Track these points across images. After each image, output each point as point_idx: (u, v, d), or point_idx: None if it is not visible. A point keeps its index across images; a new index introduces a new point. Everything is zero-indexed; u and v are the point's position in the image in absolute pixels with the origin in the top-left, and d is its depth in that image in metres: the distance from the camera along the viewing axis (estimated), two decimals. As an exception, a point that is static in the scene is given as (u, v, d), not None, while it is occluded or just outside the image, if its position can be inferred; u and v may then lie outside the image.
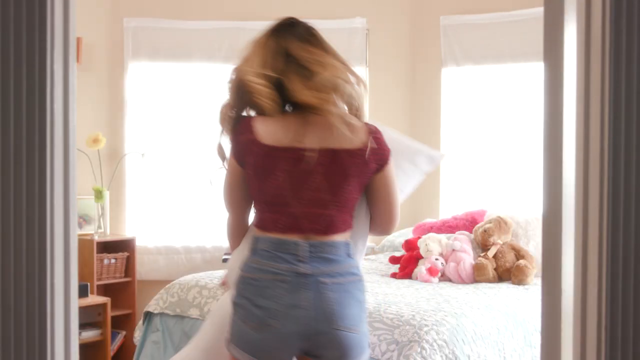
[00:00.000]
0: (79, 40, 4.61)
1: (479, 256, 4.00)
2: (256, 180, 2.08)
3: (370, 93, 5.29)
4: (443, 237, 4.16)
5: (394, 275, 4.01)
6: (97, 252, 4.71)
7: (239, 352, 2.02)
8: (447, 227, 4.51)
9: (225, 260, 4.85)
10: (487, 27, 5.01)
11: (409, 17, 5.37)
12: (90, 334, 4.55)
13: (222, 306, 2.25)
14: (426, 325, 2.83)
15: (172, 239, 5.09)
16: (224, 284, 2.37)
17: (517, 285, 3.82)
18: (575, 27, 1.28)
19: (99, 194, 4.74)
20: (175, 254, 5.07)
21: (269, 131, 2.06)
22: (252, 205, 2.16)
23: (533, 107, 4.78)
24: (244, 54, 2.20)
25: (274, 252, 2.02)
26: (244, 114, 2.16)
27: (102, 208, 4.79)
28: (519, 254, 4.02)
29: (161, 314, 3.69)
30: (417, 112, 5.38)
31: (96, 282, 4.68)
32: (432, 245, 4.05)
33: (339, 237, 2.07)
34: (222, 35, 5.10)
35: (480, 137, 5.10)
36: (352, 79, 2.12)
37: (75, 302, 1.31)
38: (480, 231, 4.12)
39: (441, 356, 2.75)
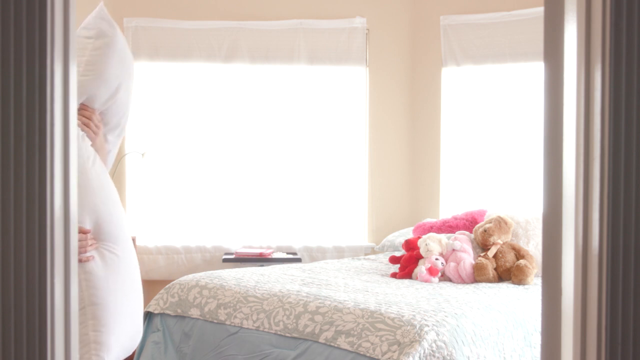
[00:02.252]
0: (79, 40, 4.60)
1: (479, 256, 4.00)
2: None
3: (370, 93, 5.29)
4: (443, 237, 4.16)
5: (394, 275, 4.01)
6: (97, 252, 4.71)
7: None
8: (447, 227, 4.51)
9: (226, 260, 4.85)
10: (487, 27, 5.01)
11: (409, 17, 5.37)
12: (90, 334, 4.54)
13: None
14: (427, 326, 2.83)
15: (172, 239, 5.10)
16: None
17: (517, 285, 3.82)
18: (575, 27, 1.28)
19: (99, 194, 4.74)
20: (175, 254, 5.07)
21: None
22: None
23: (533, 107, 4.78)
24: None
25: None
26: None
27: (102, 208, 4.78)
28: (519, 254, 4.02)
29: (162, 314, 3.69)
30: (417, 112, 5.39)
31: (96, 282, 4.68)
32: (432, 245, 4.05)
33: None
34: (222, 35, 5.10)
35: (480, 137, 5.10)
36: None
37: (75, 302, 1.31)
38: (480, 231, 4.12)
39: (440, 357, 2.75)
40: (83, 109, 2.21)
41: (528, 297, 3.53)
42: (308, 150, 5.26)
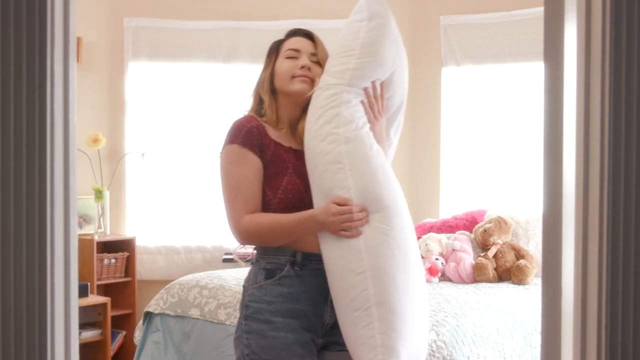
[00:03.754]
0: (79, 40, 4.60)
1: (479, 256, 4.00)
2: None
3: (370, 93, 5.28)
4: (443, 237, 4.16)
5: (394, 275, 4.00)
6: (97, 252, 4.71)
7: None
8: (447, 227, 4.51)
9: (226, 260, 4.85)
10: (487, 27, 5.01)
11: (409, 17, 5.37)
12: (90, 334, 4.55)
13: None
14: (426, 325, 2.83)
15: (172, 238, 5.09)
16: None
17: (517, 285, 3.82)
18: (575, 27, 1.28)
19: (99, 194, 4.74)
20: (175, 254, 5.07)
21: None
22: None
23: (533, 107, 4.78)
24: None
25: None
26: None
27: (102, 208, 4.79)
28: (519, 254, 4.02)
29: (162, 314, 3.69)
30: (417, 112, 5.38)
31: (96, 282, 4.68)
32: (432, 245, 4.05)
33: None
34: (222, 35, 5.10)
35: (480, 137, 5.10)
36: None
37: (75, 302, 1.30)
38: (480, 231, 4.12)
39: (440, 357, 2.75)
40: (374, 87, 2.09)
41: (528, 297, 3.53)
42: (308, 150, 5.25)
